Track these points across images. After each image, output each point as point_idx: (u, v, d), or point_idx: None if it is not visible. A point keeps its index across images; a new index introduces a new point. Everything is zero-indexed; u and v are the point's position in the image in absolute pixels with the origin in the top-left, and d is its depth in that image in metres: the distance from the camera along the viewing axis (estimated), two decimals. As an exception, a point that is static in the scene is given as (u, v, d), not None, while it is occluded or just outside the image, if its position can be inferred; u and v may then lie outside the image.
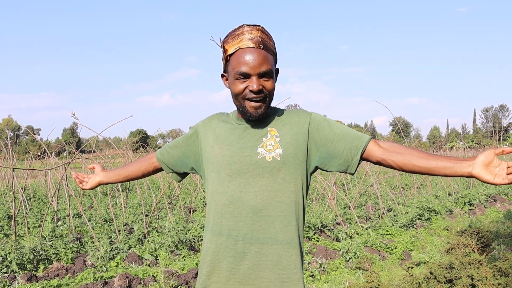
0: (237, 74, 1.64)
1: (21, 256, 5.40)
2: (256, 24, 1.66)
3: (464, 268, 3.88)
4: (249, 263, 1.66)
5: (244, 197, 1.66)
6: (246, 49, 1.62)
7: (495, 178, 1.46)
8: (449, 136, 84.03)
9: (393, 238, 6.88)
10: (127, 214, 9.01)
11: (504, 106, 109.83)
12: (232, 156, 1.70)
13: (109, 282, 4.76)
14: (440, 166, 1.55)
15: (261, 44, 1.63)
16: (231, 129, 1.76)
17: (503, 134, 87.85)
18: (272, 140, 1.69)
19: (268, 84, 1.65)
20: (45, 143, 26.83)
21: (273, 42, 1.70)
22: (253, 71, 1.62)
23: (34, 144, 56.26)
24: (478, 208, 10.06)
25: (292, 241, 1.67)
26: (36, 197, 13.11)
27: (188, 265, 5.39)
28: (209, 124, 1.84)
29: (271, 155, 1.66)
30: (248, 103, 1.66)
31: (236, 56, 1.64)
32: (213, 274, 1.71)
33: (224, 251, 1.68)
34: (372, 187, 11.26)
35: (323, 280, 5.08)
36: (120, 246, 6.11)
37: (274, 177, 1.66)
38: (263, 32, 1.66)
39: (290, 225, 1.67)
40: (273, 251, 1.65)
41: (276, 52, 1.71)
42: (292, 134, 1.69)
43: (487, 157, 1.48)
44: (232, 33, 1.66)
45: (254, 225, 1.65)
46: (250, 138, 1.71)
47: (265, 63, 1.63)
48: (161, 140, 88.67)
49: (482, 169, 1.48)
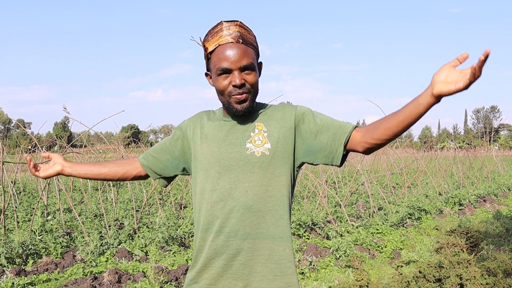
0: (218, 71, 1.63)
1: (10, 250, 5.36)
2: (234, 20, 1.66)
3: (453, 267, 3.91)
4: (242, 259, 1.65)
5: (235, 193, 1.66)
6: (226, 45, 1.62)
7: (456, 85, 1.35)
8: (440, 136, 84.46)
9: (383, 237, 6.91)
10: (117, 209, 8.98)
11: (495, 107, 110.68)
12: (221, 153, 1.69)
13: (98, 277, 4.74)
14: (407, 111, 1.47)
15: (240, 39, 1.63)
16: (218, 126, 1.75)
17: (493, 135, 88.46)
18: (260, 135, 1.69)
19: (250, 77, 1.65)
20: (36, 136, 26.63)
21: (254, 36, 1.70)
22: (234, 66, 1.62)
23: (25, 138, 55.88)
24: (467, 208, 10.13)
25: (284, 235, 1.67)
26: (26, 191, 13.03)
27: (178, 261, 5.38)
28: (196, 122, 1.82)
29: (260, 150, 1.66)
30: (233, 99, 1.65)
31: (216, 53, 1.64)
32: (204, 271, 1.70)
33: (215, 248, 1.68)
34: (363, 185, 11.30)
35: (313, 277, 5.10)
36: (110, 241, 6.09)
37: (264, 172, 1.66)
38: (242, 27, 1.66)
39: (282, 219, 1.67)
40: (265, 245, 1.65)
41: (256, 46, 1.71)
42: (279, 128, 1.69)
43: (442, 72, 1.37)
44: (211, 31, 1.67)
45: (245, 221, 1.65)
46: (238, 134, 1.70)
47: (245, 57, 1.62)
48: (153, 136, 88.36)
49: (441, 84, 1.37)
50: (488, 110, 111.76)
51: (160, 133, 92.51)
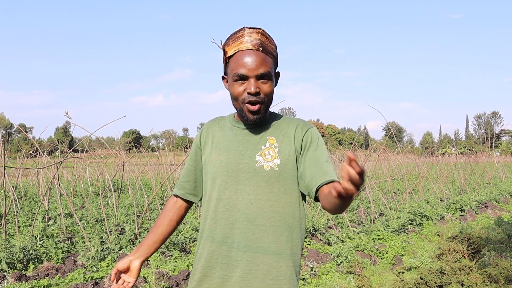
0: (235, 76, 1.63)
1: (11, 255, 5.36)
2: (257, 27, 1.66)
3: (455, 274, 3.90)
4: (240, 271, 1.65)
5: (240, 204, 1.65)
6: (245, 51, 1.62)
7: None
8: (442, 142, 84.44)
9: (384, 243, 6.90)
10: (118, 214, 8.97)
11: (496, 113, 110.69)
12: (229, 162, 1.69)
13: (99, 283, 4.73)
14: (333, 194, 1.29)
15: (260, 47, 1.63)
16: (229, 135, 1.75)
17: (495, 141, 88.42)
18: (271, 150, 1.68)
19: (266, 86, 1.65)
20: (37, 141, 26.67)
21: (274, 46, 1.70)
22: (251, 73, 1.61)
23: (26, 143, 55.94)
24: (469, 214, 10.12)
25: (283, 252, 1.65)
26: (27, 196, 13.03)
27: (179, 267, 5.37)
28: (208, 131, 1.83)
29: (269, 164, 1.66)
30: (246, 107, 1.65)
31: (235, 58, 1.64)
32: (204, 280, 1.70)
33: (217, 258, 1.68)
34: (364, 191, 11.28)
35: (314, 283, 5.08)
36: (111, 246, 6.09)
37: (271, 187, 1.65)
38: (264, 35, 1.66)
39: (282, 236, 1.66)
40: (264, 261, 1.64)
41: (276, 56, 1.71)
42: (290, 146, 1.69)
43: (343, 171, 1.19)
44: (233, 36, 1.67)
45: (248, 233, 1.64)
46: (249, 146, 1.70)
47: (263, 65, 1.62)
48: (154, 141, 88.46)
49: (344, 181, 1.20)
50: (489, 115, 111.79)
51: (161, 138, 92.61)
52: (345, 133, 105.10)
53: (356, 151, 23.21)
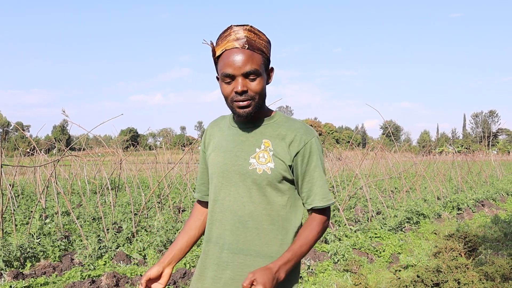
0: (223, 76, 1.62)
1: (7, 253, 5.36)
2: (245, 24, 1.62)
3: (451, 271, 3.91)
4: (231, 273, 1.65)
5: (233, 206, 1.66)
6: (231, 50, 1.60)
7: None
8: (439, 140, 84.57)
9: (381, 241, 6.91)
10: (116, 212, 8.96)
11: (493, 111, 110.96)
12: (225, 164, 1.69)
13: (96, 281, 4.73)
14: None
15: (246, 44, 1.59)
16: (227, 135, 1.75)
17: (492, 140, 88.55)
18: (265, 153, 1.66)
19: (254, 84, 1.61)
20: (34, 140, 26.62)
21: (264, 41, 1.65)
22: (237, 72, 1.59)
23: (23, 141, 55.83)
24: (466, 213, 10.14)
25: (275, 255, 1.63)
26: (24, 194, 13.00)
27: (176, 265, 5.38)
28: (211, 131, 1.84)
29: (262, 167, 1.64)
30: (235, 104, 1.63)
31: (222, 58, 1.62)
32: (199, 280, 1.73)
33: (211, 258, 1.69)
34: (362, 189, 11.30)
35: (311, 282, 5.09)
36: (108, 244, 6.09)
37: (263, 190, 1.64)
38: (251, 31, 1.62)
39: (275, 239, 1.66)
40: (256, 263, 1.63)
41: (266, 51, 1.66)
42: (285, 151, 1.65)
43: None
44: (221, 35, 1.64)
45: (239, 236, 1.65)
46: (244, 147, 1.68)
47: (249, 63, 1.59)
48: (152, 139, 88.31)
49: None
50: (486, 114, 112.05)
51: (158, 137, 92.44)
52: (343, 131, 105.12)
53: (354, 150, 23.20)
